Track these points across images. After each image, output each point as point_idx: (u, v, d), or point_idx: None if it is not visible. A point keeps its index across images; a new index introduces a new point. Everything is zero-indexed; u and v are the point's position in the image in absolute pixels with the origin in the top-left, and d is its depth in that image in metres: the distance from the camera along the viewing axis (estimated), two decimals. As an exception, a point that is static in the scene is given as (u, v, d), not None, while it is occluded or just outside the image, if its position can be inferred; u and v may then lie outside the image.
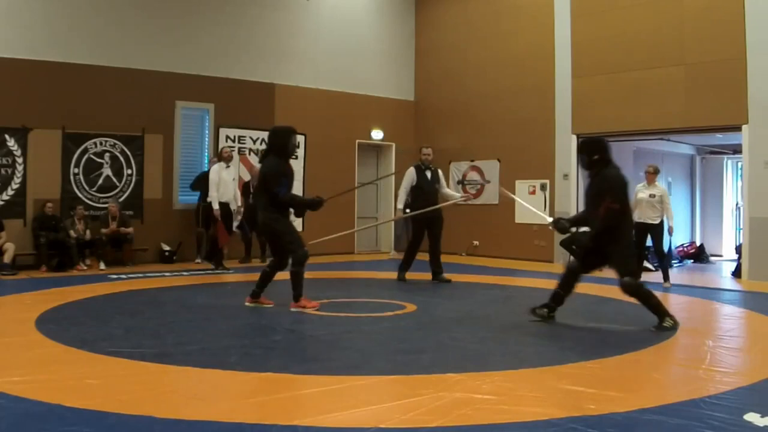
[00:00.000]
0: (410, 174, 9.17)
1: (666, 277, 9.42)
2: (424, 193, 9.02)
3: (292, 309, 6.68)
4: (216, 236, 10.65)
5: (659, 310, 5.92)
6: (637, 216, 9.49)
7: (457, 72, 14.20)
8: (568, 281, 6.21)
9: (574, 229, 6.99)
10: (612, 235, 5.85)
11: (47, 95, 10.55)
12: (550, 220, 6.79)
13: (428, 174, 9.15)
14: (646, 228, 9.37)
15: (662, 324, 5.84)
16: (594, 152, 6.03)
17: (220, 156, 10.96)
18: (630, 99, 11.39)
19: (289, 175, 6.78)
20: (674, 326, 5.81)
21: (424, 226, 9.05)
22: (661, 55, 11.02)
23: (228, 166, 10.79)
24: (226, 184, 10.66)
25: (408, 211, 9.20)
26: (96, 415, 3.39)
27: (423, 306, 7.11)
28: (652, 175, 9.55)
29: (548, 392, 4.00)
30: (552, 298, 6.24)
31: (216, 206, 10.45)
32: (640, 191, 9.54)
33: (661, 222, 9.39)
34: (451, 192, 9.96)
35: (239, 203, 11.12)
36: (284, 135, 6.77)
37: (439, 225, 9.15)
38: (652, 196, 9.37)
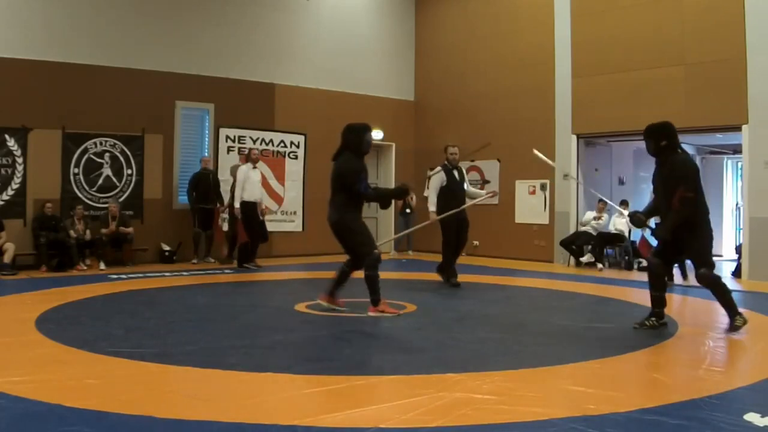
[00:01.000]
0: (440, 176, 8.86)
1: (684, 276, 9.43)
2: (453, 194, 8.77)
3: (371, 314, 6.38)
4: (237, 235, 10.84)
5: (731, 307, 5.70)
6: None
7: (457, 72, 14.20)
8: (659, 280, 5.88)
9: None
10: (688, 225, 5.61)
11: (47, 95, 10.55)
12: (626, 213, 6.57)
13: (456, 174, 8.90)
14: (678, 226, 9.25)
15: (734, 323, 5.65)
16: (661, 137, 5.84)
17: (248, 158, 11.05)
18: (630, 99, 11.39)
19: (366, 171, 6.57)
20: (744, 323, 5.65)
21: (455, 227, 8.79)
22: (661, 55, 11.02)
23: (255, 167, 10.88)
24: (253, 184, 10.77)
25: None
26: (96, 415, 3.39)
27: (423, 306, 7.11)
28: None
29: (548, 392, 4.00)
30: (654, 304, 5.87)
31: (237, 205, 10.54)
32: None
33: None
34: (477, 190, 9.76)
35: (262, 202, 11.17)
36: (359, 132, 6.57)
37: (467, 227, 8.98)
38: None
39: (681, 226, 5.67)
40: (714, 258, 6.13)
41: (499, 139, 13.37)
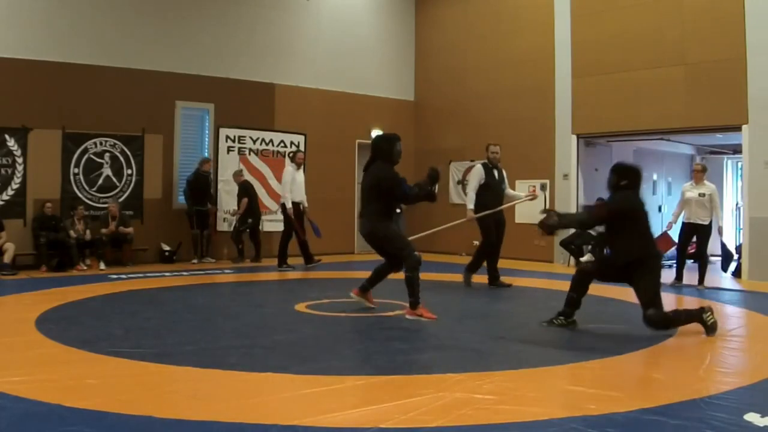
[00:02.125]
0: (479, 172, 8.65)
1: (701, 281, 9.11)
2: (493, 192, 8.60)
3: (408, 317, 6.32)
4: (297, 234, 10.97)
5: (694, 318, 5.56)
6: (686, 216, 9.19)
7: (457, 72, 14.20)
8: (582, 283, 5.96)
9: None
10: (644, 264, 5.51)
11: (47, 95, 10.55)
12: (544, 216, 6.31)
13: (495, 173, 8.71)
14: (694, 228, 9.05)
15: (708, 325, 5.52)
16: (623, 177, 5.89)
17: (294, 159, 11.07)
18: (630, 99, 11.39)
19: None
20: (713, 315, 5.54)
21: (494, 226, 8.65)
22: (661, 55, 11.02)
23: (299, 169, 10.94)
24: (299, 186, 10.88)
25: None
26: (96, 415, 3.39)
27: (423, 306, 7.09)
28: (700, 173, 9.26)
29: (548, 392, 4.00)
30: (567, 304, 5.96)
31: (289, 205, 10.65)
32: (688, 191, 9.23)
33: (710, 223, 9.07)
34: (516, 192, 9.60)
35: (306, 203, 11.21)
36: (390, 141, 6.68)
37: (503, 227, 8.85)
38: (701, 195, 9.02)
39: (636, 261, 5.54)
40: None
41: (499, 139, 13.31)
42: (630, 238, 5.61)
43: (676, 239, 9.61)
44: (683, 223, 9.27)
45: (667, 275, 9.55)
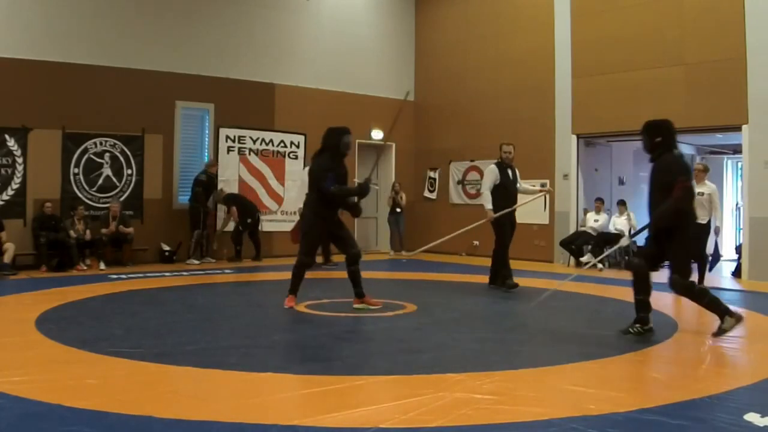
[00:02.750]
0: (493, 172, 8.48)
1: (701, 280, 9.08)
2: (507, 192, 8.46)
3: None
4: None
5: (717, 308, 5.46)
6: None
7: (457, 72, 14.20)
8: (643, 283, 5.65)
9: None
10: (673, 231, 5.41)
11: (47, 95, 10.55)
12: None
13: (509, 172, 8.58)
14: (694, 228, 9.12)
15: (721, 326, 5.40)
16: (656, 134, 5.88)
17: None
18: (630, 99, 11.38)
19: (338, 171, 6.89)
20: (736, 323, 5.40)
21: (508, 226, 8.49)
22: (661, 55, 11.02)
23: None
24: None
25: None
26: (96, 415, 3.39)
27: (423, 306, 7.11)
28: (701, 173, 9.27)
29: (548, 392, 4.00)
30: (638, 308, 5.66)
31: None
32: None
33: (709, 222, 9.10)
34: (530, 187, 9.29)
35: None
36: (338, 134, 6.96)
37: (514, 228, 8.69)
38: (701, 194, 8.88)
39: (667, 227, 5.45)
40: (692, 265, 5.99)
41: (499, 139, 13.29)
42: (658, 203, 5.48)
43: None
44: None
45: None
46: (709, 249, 9.88)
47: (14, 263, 9.78)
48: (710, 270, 10.62)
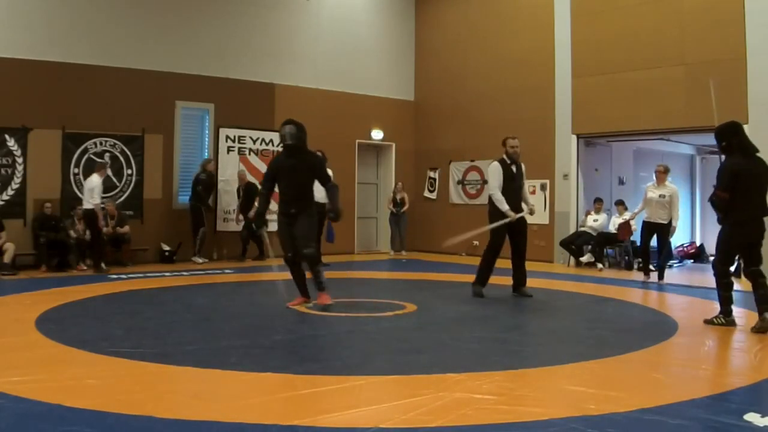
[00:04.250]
0: (498, 170, 7.85)
1: (661, 276, 9.55)
2: (512, 191, 7.86)
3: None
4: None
5: (724, 305, 6.07)
6: (647, 215, 9.62)
7: (457, 72, 14.20)
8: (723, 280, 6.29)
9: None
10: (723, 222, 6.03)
11: (47, 95, 10.55)
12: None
13: (514, 169, 7.93)
14: (654, 227, 9.46)
15: (711, 319, 6.10)
16: (722, 140, 6.26)
17: None
18: (630, 99, 11.39)
19: (277, 168, 6.95)
20: (724, 326, 5.95)
21: (505, 231, 7.94)
22: (661, 55, 11.02)
23: None
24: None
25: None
26: (96, 415, 3.39)
27: (423, 306, 7.11)
28: (662, 174, 9.56)
29: (548, 392, 4.00)
30: (723, 303, 6.22)
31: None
32: (649, 191, 9.60)
33: (670, 221, 9.41)
34: (526, 198, 8.38)
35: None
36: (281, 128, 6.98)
37: (526, 229, 8.14)
38: (662, 196, 9.38)
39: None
40: (713, 258, 6.32)
41: (499, 139, 13.28)
42: (733, 200, 5.99)
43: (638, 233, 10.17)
44: (644, 222, 9.70)
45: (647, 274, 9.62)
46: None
47: (14, 263, 9.78)
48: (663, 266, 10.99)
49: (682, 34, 10.80)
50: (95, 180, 10.02)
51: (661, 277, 9.53)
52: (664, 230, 9.39)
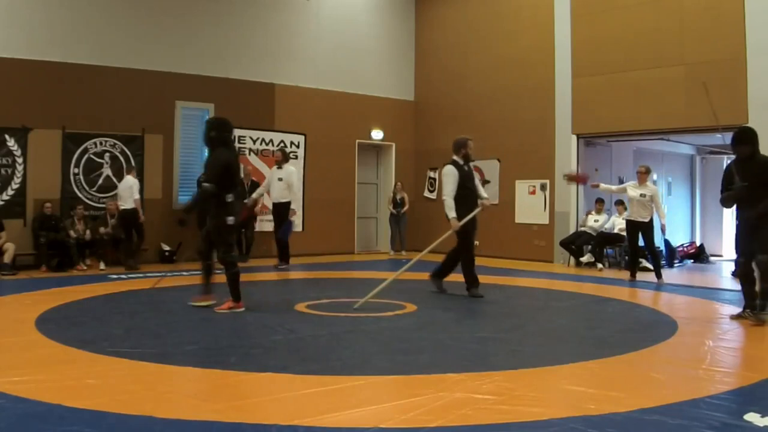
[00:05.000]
0: (453, 174, 7.70)
1: (658, 275, 9.61)
2: (470, 192, 7.81)
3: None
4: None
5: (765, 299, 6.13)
6: (629, 214, 9.91)
7: (457, 72, 14.20)
8: (748, 275, 6.32)
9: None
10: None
11: (47, 95, 10.55)
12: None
13: (466, 168, 7.85)
14: (637, 226, 9.66)
15: (760, 314, 6.10)
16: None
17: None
18: (630, 99, 11.39)
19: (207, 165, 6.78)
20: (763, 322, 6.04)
21: (472, 230, 7.94)
22: (661, 55, 11.02)
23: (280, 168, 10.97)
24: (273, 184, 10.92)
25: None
26: (96, 415, 3.39)
27: (423, 306, 7.11)
28: (644, 174, 9.82)
29: (548, 392, 4.00)
30: (747, 297, 6.31)
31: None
32: (630, 189, 9.81)
33: (651, 220, 9.65)
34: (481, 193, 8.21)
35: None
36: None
37: (476, 226, 8.05)
38: (643, 195, 9.63)
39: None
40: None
41: (499, 139, 13.38)
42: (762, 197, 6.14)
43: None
44: (626, 221, 9.98)
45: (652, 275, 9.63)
46: (659, 244, 10.58)
47: (14, 263, 9.78)
48: (671, 266, 11.21)
49: (682, 34, 10.80)
50: (131, 180, 10.71)
51: (658, 276, 9.59)
52: (647, 228, 9.63)
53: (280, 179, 10.88)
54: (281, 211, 10.88)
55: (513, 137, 13.09)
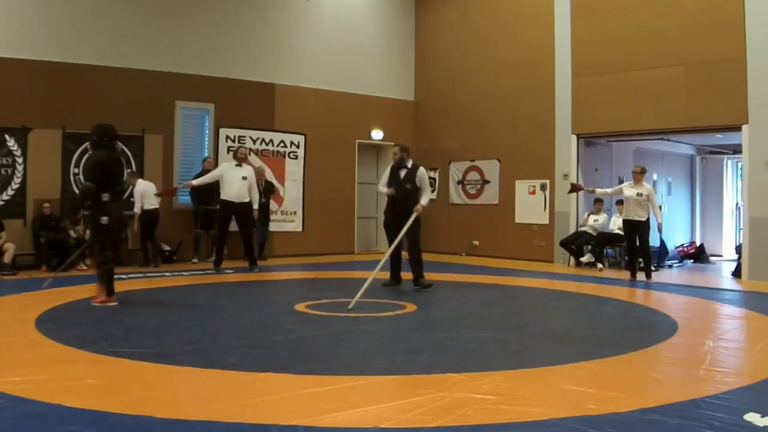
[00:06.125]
0: (385, 173, 9.00)
1: (648, 275, 9.72)
2: (397, 191, 8.70)
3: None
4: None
5: None
6: (625, 213, 9.96)
7: (457, 72, 14.20)
8: None
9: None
10: None
11: (47, 95, 10.55)
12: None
13: (401, 173, 8.70)
14: (634, 225, 9.72)
15: None
16: None
17: (235, 155, 10.96)
18: (630, 99, 11.39)
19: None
20: None
21: (394, 227, 8.72)
22: (661, 55, 11.02)
23: (239, 165, 10.58)
24: (231, 182, 10.56)
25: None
26: (96, 415, 3.39)
27: (423, 306, 7.11)
28: (639, 174, 9.86)
29: (548, 392, 4.00)
30: None
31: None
32: (626, 189, 9.85)
33: (648, 219, 9.69)
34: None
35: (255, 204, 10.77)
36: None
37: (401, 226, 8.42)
38: (639, 194, 9.66)
39: None
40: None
41: (499, 139, 13.39)
42: None
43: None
44: (623, 221, 10.03)
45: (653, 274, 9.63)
46: (655, 243, 10.67)
47: (14, 263, 9.78)
48: (660, 264, 11.25)
49: (682, 34, 10.80)
50: (145, 183, 10.92)
51: (648, 276, 9.70)
52: (643, 227, 9.68)
53: (244, 178, 10.36)
54: (241, 211, 10.35)
55: (513, 137, 13.09)
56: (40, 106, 10.50)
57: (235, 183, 10.33)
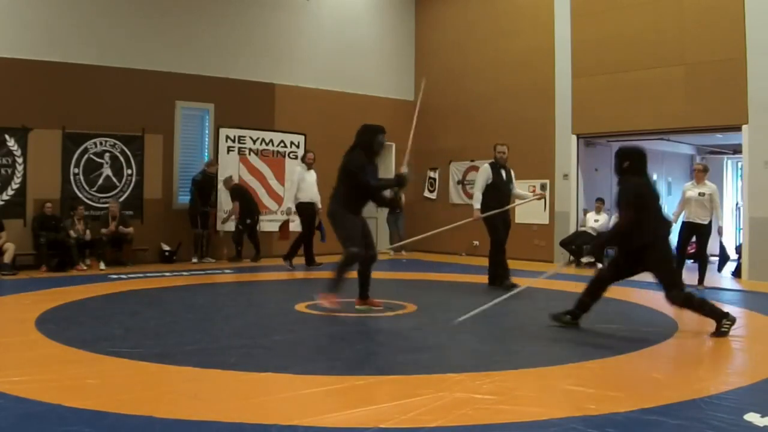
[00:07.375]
0: (486, 171, 8.69)
1: (701, 280, 9.10)
2: (500, 192, 8.62)
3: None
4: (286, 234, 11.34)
5: (714, 314, 5.53)
6: (686, 215, 9.18)
7: (457, 72, 14.19)
8: (598, 289, 5.93)
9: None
10: (654, 245, 5.53)
11: (47, 95, 10.55)
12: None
13: (503, 173, 8.72)
14: (694, 227, 9.04)
15: (720, 329, 5.45)
16: (625, 159, 5.76)
17: (303, 159, 11.14)
18: (630, 99, 11.39)
19: (368, 169, 6.80)
20: (732, 325, 5.47)
21: (501, 226, 8.61)
22: (661, 55, 11.02)
23: (309, 170, 10.87)
24: (310, 185, 10.83)
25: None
26: (96, 415, 3.38)
27: (423, 306, 7.11)
28: (701, 173, 9.26)
29: (548, 392, 4.00)
30: (578, 306, 5.97)
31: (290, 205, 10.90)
32: (688, 190, 9.24)
33: (710, 222, 9.06)
34: (524, 192, 9.56)
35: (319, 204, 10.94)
36: (373, 132, 7.16)
37: (509, 228, 8.80)
38: (701, 194, 9.02)
39: (638, 244, 5.56)
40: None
41: (499, 139, 13.32)
42: (640, 222, 5.51)
43: (675, 239, 9.59)
44: (683, 222, 9.24)
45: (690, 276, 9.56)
46: (714, 249, 9.85)
47: (14, 263, 9.78)
48: (720, 270, 10.78)
49: (682, 34, 10.80)
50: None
51: (701, 282, 9.06)
52: (704, 230, 9.02)
53: (316, 180, 10.88)
54: (315, 211, 10.85)
55: (513, 137, 13.02)
56: (40, 106, 10.50)
57: (313, 186, 10.83)
